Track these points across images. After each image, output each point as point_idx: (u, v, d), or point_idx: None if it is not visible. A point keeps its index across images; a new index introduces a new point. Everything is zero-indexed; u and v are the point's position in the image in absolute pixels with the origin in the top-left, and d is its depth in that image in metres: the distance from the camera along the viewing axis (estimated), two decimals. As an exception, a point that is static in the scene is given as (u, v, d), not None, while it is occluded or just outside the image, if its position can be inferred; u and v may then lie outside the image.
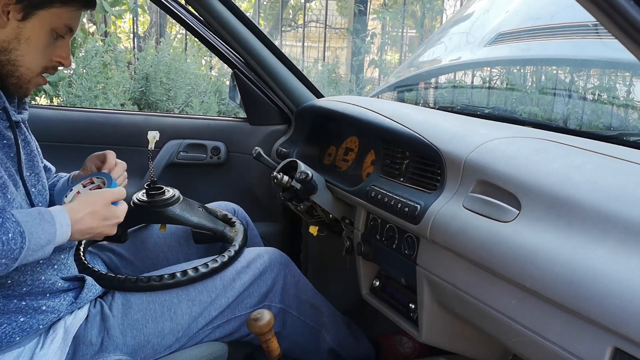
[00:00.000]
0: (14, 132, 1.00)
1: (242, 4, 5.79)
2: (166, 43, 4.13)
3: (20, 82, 0.99)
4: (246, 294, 1.18)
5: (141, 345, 1.06)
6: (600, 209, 0.72)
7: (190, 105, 3.86)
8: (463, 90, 1.96)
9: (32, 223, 0.86)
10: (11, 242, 0.81)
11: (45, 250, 0.88)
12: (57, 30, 0.99)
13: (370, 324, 1.57)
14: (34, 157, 1.07)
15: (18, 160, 1.00)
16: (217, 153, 1.78)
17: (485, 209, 0.88)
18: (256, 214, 1.60)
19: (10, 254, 0.82)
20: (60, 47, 1.02)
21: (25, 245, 0.84)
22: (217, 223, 1.28)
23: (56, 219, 0.89)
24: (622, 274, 0.64)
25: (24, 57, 0.97)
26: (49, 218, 0.89)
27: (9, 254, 0.82)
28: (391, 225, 1.14)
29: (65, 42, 1.02)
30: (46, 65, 1.02)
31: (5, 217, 0.82)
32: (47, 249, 0.89)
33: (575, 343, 0.69)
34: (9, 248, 0.81)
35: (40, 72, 1.01)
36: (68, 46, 1.04)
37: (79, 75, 3.46)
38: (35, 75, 1.01)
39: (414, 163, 1.14)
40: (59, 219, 0.90)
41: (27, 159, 1.05)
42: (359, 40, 5.04)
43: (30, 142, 1.08)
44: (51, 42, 0.99)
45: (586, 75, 1.63)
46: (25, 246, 0.84)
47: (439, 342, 1.08)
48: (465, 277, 0.89)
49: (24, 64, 0.97)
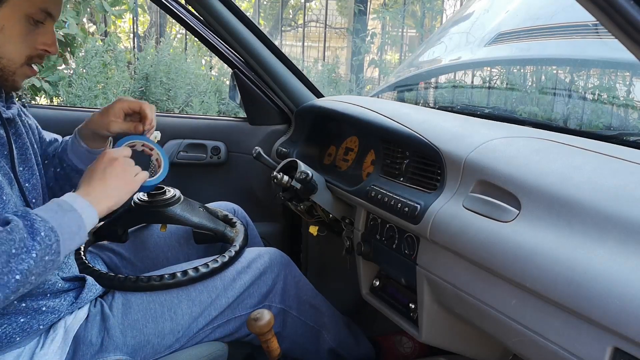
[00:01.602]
0: (6, 129, 0.99)
1: (242, 4, 5.78)
2: (166, 43, 4.13)
3: (4, 74, 0.96)
4: (246, 294, 1.18)
5: (141, 345, 1.06)
6: (600, 209, 0.72)
7: (190, 105, 3.86)
8: (463, 90, 1.96)
9: (56, 216, 0.88)
10: (46, 239, 0.84)
11: (80, 235, 0.90)
12: (33, 17, 0.94)
13: (370, 324, 1.57)
14: (27, 149, 1.06)
15: (11, 158, 0.98)
16: (217, 153, 1.78)
17: (485, 208, 0.88)
18: (256, 214, 1.60)
19: (49, 249, 0.84)
20: (42, 34, 0.97)
21: (59, 237, 0.86)
22: (217, 223, 1.28)
23: (74, 205, 0.90)
24: (622, 273, 0.64)
25: (3, 47, 0.93)
26: (68, 207, 0.90)
27: (49, 250, 0.84)
28: (391, 225, 1.14)
29: (47, 28, 0.98)
30: (30, 55, 0.97)
31: (32, 219, 0.84)
32: (82, 234, 0.91)
33: (575, 343, 0.69)
34: (46, 245, 0.84)
35: (24, 62, 0.97)
36: (51, 32, 0.99)
37: (79, 75, 3.47)
38: (19, 66, 0.97)
39: (414, 163, 1.14)
40: (76, 204, 0.91)
41: (20, 153, 1.03)
42: (359, 40, 5.04)
43: (22, 135, 1.06)
44: (30, 29, 0.95)
45: (586, 75, 1.63)
46: (60, 238, 0.86)
47: (439, 342, 1.08)
48: (465, 277, 0.89)
49: (4, 55, 0.94)
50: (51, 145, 1.23)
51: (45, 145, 1.21)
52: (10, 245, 0.80)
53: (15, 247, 0.81)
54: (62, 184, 1.21)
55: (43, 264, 0.84)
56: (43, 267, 0.85)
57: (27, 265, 0.82)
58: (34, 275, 0.84)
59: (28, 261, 0.82)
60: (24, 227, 0.83)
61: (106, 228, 1.30)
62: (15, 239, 0.81)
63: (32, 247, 0.82)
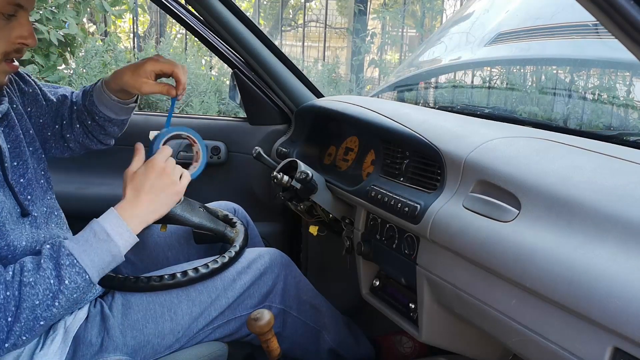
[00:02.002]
0: None
1: (242, 4, 5.78)
2: (166, 43, 4.13)
3: None
4: (246, 295, 1.17)
5: (141, 346, 1.06)
6: (601, 208, 0.72)
7: (190, 105, 3.86)
8: (463, 90, 1.96)
9: (90, 249, 0.89)
10: (71, 284, 0.87)
11: (116, 261, 0.93)
12: (2, 11, 0.90)
13: (370, 324, 1.57)
14: (20, 142, 1.04)
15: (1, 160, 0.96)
16: (217, 153, 1.78)
17: (485, 208, 0.88)
18: (256, 214, 1.60)
19: (77, 290, 0.88)
20: (16, 28, 0.93)
21: (89, 274, 0.88)
22: (217, 223, 1.28)
23: (112, 233, 0.91)
24: (622, 273, 0.64)
25: None
26: (104, 237, 0.90)
27: (77, 290, 0.88)
28: (391, 225, 1.14)
29: (20, 21, 0.94)
30: (6, 50, 0.94)
31: (60, 264, 0.87)
32: (117, 260, 0.93)
33: (575, 343, 0.69)
34: (73, 288, 0.87)
35: (2, 59, 0.94)
36: (26, 24, 0.94)
37: (79, 75, 3.47)
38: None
39: (414, 163, 1.14)
40: (114, 231, 0.92)
41: (13, 147, 1.02)
42: (359, 40, 5.03)
43: (14, 127, 1.04)
44: (1, 25, 0.91)
45: (586, 75, 1.63)
46: (90, 274, 0.89)
47: (439, 342, 1.08)
48: (465, 276, 0.89)
49: None
50: (62, 104, 1.22)
51: (55, 107, 1.21)
52: (33, 299, 0.84)
53: (39, 299, 0.84)
54: (96, 134, 1.23)
55: (73, 301, 0.89)
56: (74, 301, 0.89)
57: (53, 311, 0.86)
58: (65, 310, 0.88)
59: (52, 309, 0.86)
60: (50, 275, 0.85)
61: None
62: (39, 292, 0.84)
63: (57, 296, 0.86)
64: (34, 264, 0.87)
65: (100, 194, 1.73)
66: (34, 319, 0.85)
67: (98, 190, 1.73)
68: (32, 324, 0.85)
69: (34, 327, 0.86)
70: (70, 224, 1.20)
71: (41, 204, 1.05)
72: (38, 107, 1.16)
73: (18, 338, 0.85)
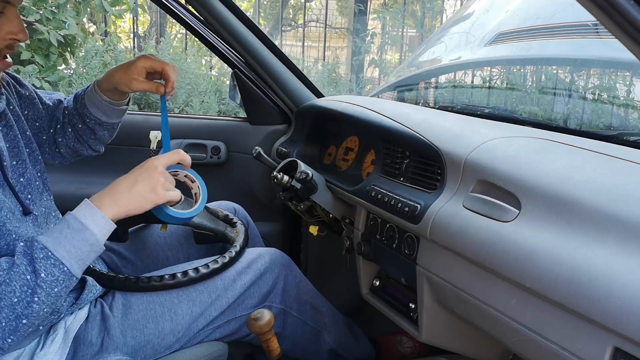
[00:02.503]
0: None
1: (242, 4, 5.78)
2: (166, 43, 4.13)
3: None
4: (247, 295, 1.17)
5: (141, 346, 1.06)
6: (601, 208, 0.72)
7: (190, 105, 3.85)
8: (463, 89, 1.96)
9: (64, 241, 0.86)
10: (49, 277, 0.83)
11: (95, 250, 0.89)
12: None
13: (370, 324, 1.57)
14: (18, 141, 1.04)
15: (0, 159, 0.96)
16: (217, 153, 1.78)
17: (485, 208, 0.88)
18: (256, 214, 1.60)
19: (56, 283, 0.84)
20: (6, 24, 0.93)
21: (66, 266, 0.85)
22: (218, 224, 1.28)
23: (85, 221, 0.87)
24: (622, 273, 0.64)
25: None
26: (77, 226, 0.87)
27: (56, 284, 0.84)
28: (391, 225, 1.14)
29: (9, 16, 0.93)
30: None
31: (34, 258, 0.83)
32: (96, 249, 0.89)
33: (575, 343, 0.69)
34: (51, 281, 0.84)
35: None
36: (15, 19, 0.94)
37: (79, 75, 3.46)
38: None
39: (414, 163, 1.14)
40: (87, 219, 0.88)
41: (12, 146, 1.02)
42: (359, 40, 5.03)
43: (12, 126, 1.04)
44: None
45: (586, 75, 1.63)
46: (68, 265, 0.85)
47: (439, 341, 1.08)
48: (465, 276, 0.89)
49: None
50: (57, 108, 1.22)
51: (51, 111, 1.21)
52: (10, 297, 0.81)
53: (17, 296, 0.81)
54: (86, 139, 1.22)
55: (54, 295, 0.85)
56: (55, 296, 0.85)
57: (34, 307, 0.83)
58: (47, 306, 0.84)
59: (33, 306, 0.82)
60: (25, 270, 0.82)
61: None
62: (16, 289, 0.81)
63: (35, 291, 0.82)
64: (9, 262, 0.84)
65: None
66: (15, 319, 0.81)
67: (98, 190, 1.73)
68: (15, 324, 0.82)
69: (18, 328, 0.82)
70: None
71: (40, 204, 1.05)
72: (35, 110, 1.16)
73: (3, 341, 0.82)
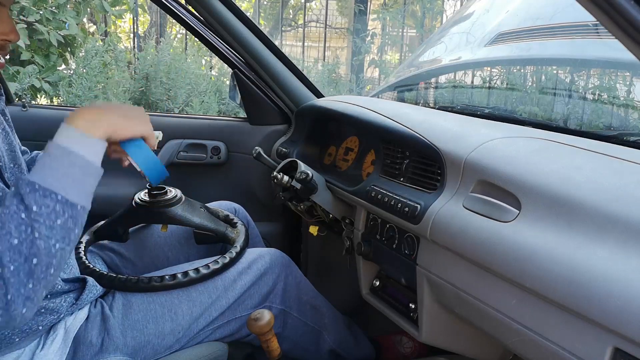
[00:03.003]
0: None
1: (242, 4, 5.78)
2: (166, 43, 4.13)
3: None
4: (247, 295, 1.18)
5: (141, 346, 1.06)
6: (601, 209, 0.72)
7: (190, 105, 3.86)
8: (463, 90, 1.96)
9: (51, 172, 0.79)
10: (43, 210, 0.76)
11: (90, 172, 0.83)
12: None
13: (370, 324, 1.57)
14: (15, 147, 1.04)
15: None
16: (217, 153, 1.78)
17: (485, 208, 0.88)
18: (256, 214, 1.60)
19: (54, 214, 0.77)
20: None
21: (61, 195, 0.78)
22: (218, 224, 1.28)
23: (66, 145, 0.81)
24: (622, 274, 0.64)
25: None
26: (59, 152, 0.80)
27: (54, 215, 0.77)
28: (391, 225, 1.14)
29: (0, 17, 0.91)
30: None
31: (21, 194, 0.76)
32: (91, 171, 0.84)
33: (575, 343, 0.69)
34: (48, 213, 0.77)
35: None
36: (7, 20, 0.92)
37: (79, 75, 3.47)
38: None
39: (414, 163, 1.14)
40: (67, 141, 0.82)
41: (10, 150, 1.02)
42: (359, 40, 5.03)
43: (9, 133, 1.03)
44: None
45: (586, 75, 1.63)
46: (62, 194, 0.78)
47: (439, 342, 1.08)
48: (465, 277, 0.89)
49: None
50: (23, 154, 1.18)
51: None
52: (7, 239, 0.74)
53: (16, 237, 0.74)
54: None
55: (60, 228, 0.77)
56: (62, 229, 0.78)
57: (40, 244, 0.75)
58: (57, 241, 0.77)
59: (37, 242, 0.75)
60: (16, 210, 0.76)
61: (107, 227, 1.30)
62: (12, 230, 0.75)
63: (34, 227, 0.75)
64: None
65: (100, 194, 1.71)
66: (25, 261, 0.75)
67: (98, 190, 1.72)
68: (28, 267, 0.75)
69: (33, 270, 0.75)
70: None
71: None
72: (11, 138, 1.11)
73: (25, 287, 0.75)
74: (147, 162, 0.97)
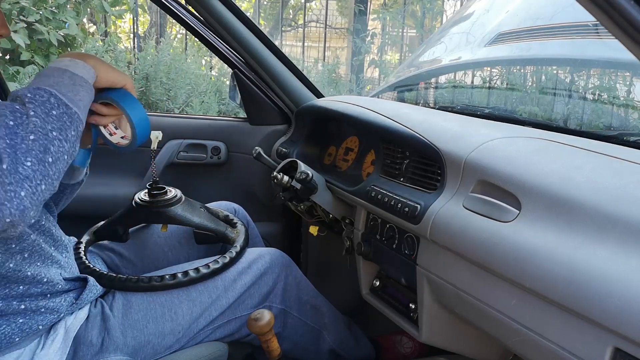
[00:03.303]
0: None
1: (242, 4, 5.79)
2: (166, 43, 4.13)
3: None
4: (247, 295, 1.18)
5: (142, 346, 1.06)
6: (601, 209, 0.72)
7: (190, 105, 3.86)
8: (463, 90, 1.96)
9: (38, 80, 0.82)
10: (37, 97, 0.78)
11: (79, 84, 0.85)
12: None
13: (370, 324, 1.57)
14: None
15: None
16: (217, 153, 1.78)
17: (485, 209, 0.88)
18: (256, 214, 1.60)
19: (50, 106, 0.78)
20: None
21: (53, 90, 0.79)
22: (218, 224, 1.28)
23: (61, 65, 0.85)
24: (622, 274, 0.64)
25: None
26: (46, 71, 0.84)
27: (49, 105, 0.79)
28: (391, 225, 1.14)
29: None
30: None
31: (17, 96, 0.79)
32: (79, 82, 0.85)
33: (575, 343, 0.69)
34: (41, 102, 0.78)
35: None
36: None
37: (79, 75, 3.46)
38: None
39: (414, 163, 1.14)
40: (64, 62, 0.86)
41: None
42: (359, 40, 5.04)
43: None
44: None
45: (586, 75, 1.63)
46: (53, 90, 0.80)
47: (439, 342, 1.08)
48: (466, 277, 0.89)
49: None
50: None
51: None
52: (2, 119, 0.74)
53: (11, 120, 0.75)
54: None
55: (56, 118, 0.78)
56: (58, 119, 0.78)
57: (37, 122, 0.76)
58: (54, 129, 0.77)
59: (33, 120, 0.75)
60: (11, 103, 0.78)
61: (107, 228, 1.30)
62: (6, 113, 0.75)
63: (28, 112, 0.76)
64: None
65: (100, 194, 1.73)
66: (21, 140, 0.74)
67: (98, 190, 1.73)
68: (25, 146, 0.74)
69: (30, 148, 0.74)
70: (70, 224, 1.20)
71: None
72: None
73: (22, 165, 0.73)
74: (138, 111, 0.95)
